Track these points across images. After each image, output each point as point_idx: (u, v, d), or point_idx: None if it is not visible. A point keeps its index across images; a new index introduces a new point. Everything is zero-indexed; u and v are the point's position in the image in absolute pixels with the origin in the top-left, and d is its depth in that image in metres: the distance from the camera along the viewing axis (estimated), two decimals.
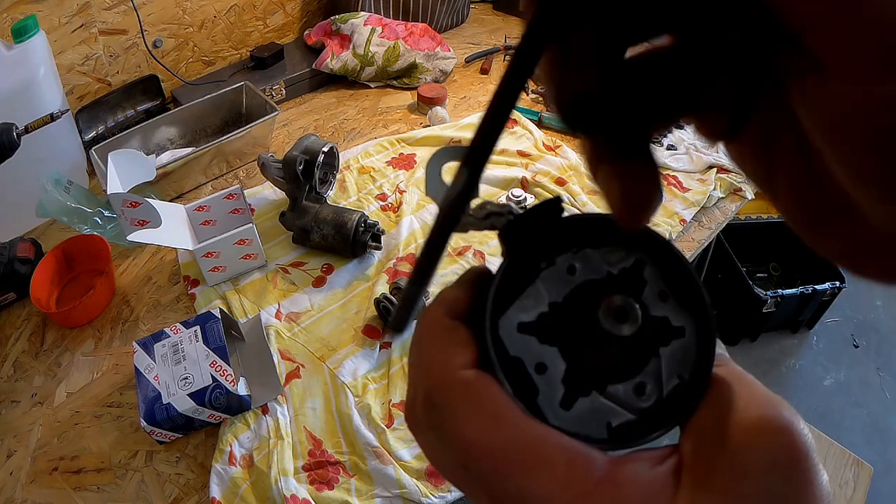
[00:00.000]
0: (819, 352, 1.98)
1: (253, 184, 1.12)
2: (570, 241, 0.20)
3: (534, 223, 0.20)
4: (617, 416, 0.18)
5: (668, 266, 0.20)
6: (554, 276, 0.20)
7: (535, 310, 0.19)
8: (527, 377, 0.19)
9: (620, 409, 0.19)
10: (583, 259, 0.20)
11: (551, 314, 0.19)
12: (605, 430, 0.18)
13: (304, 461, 0.73)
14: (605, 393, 0.19)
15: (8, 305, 0.91)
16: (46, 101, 0.95)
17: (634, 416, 0.19)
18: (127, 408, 0.78)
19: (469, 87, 1.39)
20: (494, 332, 0.19)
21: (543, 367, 0.19)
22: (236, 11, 1.32)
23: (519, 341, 0.19)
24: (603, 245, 0.20)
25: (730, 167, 1.17)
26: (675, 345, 0.19)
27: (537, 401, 0.18)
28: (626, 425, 0.18)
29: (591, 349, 0.19)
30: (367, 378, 0.82)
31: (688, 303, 0.20)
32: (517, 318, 0.19)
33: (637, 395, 0.19)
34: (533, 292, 0.20)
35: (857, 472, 1.25)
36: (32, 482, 0.72)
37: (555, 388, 0.19)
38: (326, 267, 0.96)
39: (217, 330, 0.77)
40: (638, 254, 0.20)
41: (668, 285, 0.20)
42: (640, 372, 0.19)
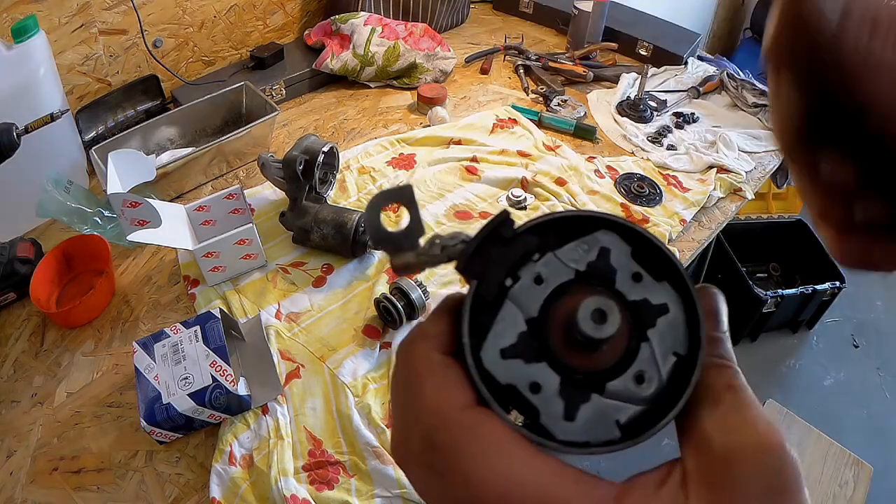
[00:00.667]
0: (819, 352, 1.98)
1: (253, 184, 1.12)
2: (529, 251, 0.20)
3: (488, 243, 0.20)
4: (624, 412, 0.18)
5: (634, 246, 0.20)
6: (523, 292, 0.19)
7: (514, 331, 0.19)
8: (524, 401, 0.18)
9: (625, 404, 0.18)
10: (547, 265, 0.20)
11: (530, 331, 0.19)
12: (617, 429, 0.18)
13: (304, 461, 0.73)
14: (606, 392, 0.18)
15: (8, 305, 0.91)
16: (46, 101, 0.95)
17: (642, 407, 0.18)
18: (127, 408, 0.78)
19: (469, 87, 1.39)
20: (479, 367, 0.19)
21: (537, 387, 0.18)
22: (236, 11, 1.32)
23: (506, 367, 0.19)
24: (562, 245, 0.20)
25: (730, 167, 1.17)
26: (661, 323, 0.19)
27: (541, 421, 0.18)
28: (636, 418, 0.18)
29: (580, 354, 0.18)
30: (367, 378, 0.82)
31: (663, 276, 0.19)
32: (497, 344, 0.19)
33: (637, 384, 0.18)
34: (506, 314, 0.19)
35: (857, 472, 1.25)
36: (32, 482, 0.72)
37: (554, 403, 0.18)
38: (326, 267, 0.96)
39: (217, 330, 0.77)
40: (600, 243, 0.20)
41: (639, 265, 0.19)
42: (635, 360, 0.19)
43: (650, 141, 1.25)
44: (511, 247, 0.20)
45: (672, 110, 1.34)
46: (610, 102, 1.34)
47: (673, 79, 1.42)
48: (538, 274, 0.19)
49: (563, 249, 0.20)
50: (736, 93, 1.37)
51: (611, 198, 1.09)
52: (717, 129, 1.28)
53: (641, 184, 1.13)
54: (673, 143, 1.25)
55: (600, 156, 1.20)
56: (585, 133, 1.25)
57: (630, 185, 1.12)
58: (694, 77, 1.42)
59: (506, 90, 1.39)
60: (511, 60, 1.48)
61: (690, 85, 1.38)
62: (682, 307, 0.19)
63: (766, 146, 1.25)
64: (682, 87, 1.39)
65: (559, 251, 0.20)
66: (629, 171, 1.17)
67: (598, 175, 1.15)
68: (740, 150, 1.22)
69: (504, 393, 0.18)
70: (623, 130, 1.27)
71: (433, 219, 1.04)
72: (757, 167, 1.20)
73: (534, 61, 1.43)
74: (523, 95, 1.37)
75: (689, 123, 1.30)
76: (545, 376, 0.18)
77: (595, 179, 1.13)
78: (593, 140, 1.25)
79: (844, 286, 1.82)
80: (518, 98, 1.36)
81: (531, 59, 1.44)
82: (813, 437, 1.57)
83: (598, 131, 1.26)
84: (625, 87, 1.37)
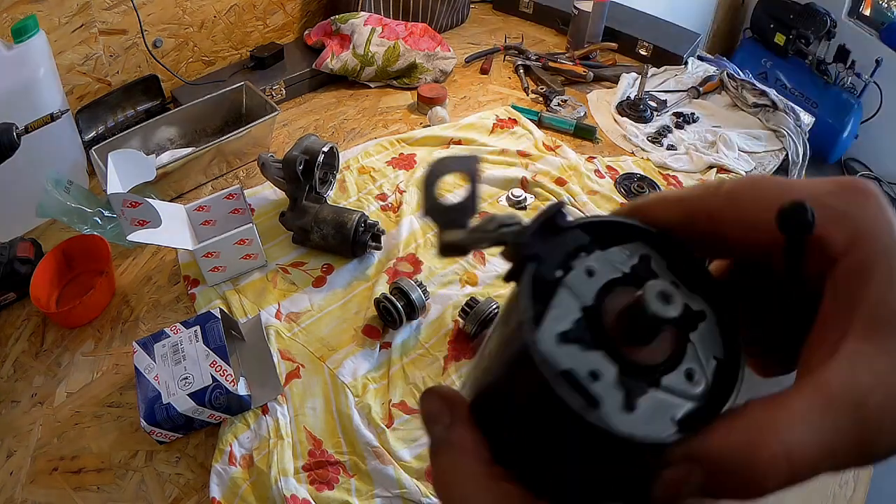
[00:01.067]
0: None
1: (253, 184, 1.12)
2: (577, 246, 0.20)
3: (545, 230, 0.20)
4: (678, 409, 0.18)
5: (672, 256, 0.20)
6: (577, 281, 0.19)
7: (569, 317, 0.19)
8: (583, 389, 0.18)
9: (680, 400, 0.18)
10: (597, 261, 0.20)
11: (585, 318, 0.19)
12: (674, 425, 0.18)
13: (304, 461, 0.73)
14: (662, 386, 0.18)
15: (8, 305, 0.91)
16: (46, 101, 0.95)
17: (694, 403, 0.18)
18: (127, 408, 0.78)
19: (469, 87, 1.39)
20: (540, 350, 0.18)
21: (597, 374, 0.18)
22: (236, 11, 1.32)
23: (564, 353, 0.18)
24: (608, 246, 0.20)
25: (730, 167, 1.17)
26: (701, 329, 0.19)
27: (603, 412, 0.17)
28: (690, 415, 0.18)
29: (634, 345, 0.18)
30: (367, 378, 0.82)
31: (697, 287, 0.20)
32: (554, 328, 0.18)
33: (689, 381, 0.18)
34: (561, 300, 0.19)
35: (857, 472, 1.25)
36: (32, 482, 0.72)
37: (613, 393, 0.18)
38: (326, 267, 0.96)
39: (217, 330, 0.77)
40: (641, 250, 0.20)
41: (675, 275, 0.20)
42: (684, 359, 0.19)
43: (650, 141, 1.25)
44: (564, 238, 0.20)
45: (672, 110, 1.34)
46: (610, 102, 1.34)
47: (673, 79, 1.42)
48: (590, 267, 0.19)
49: (609, 251, 0.20)
50: (736, 93, 1.37)
51: (611, 198, 1.09)
52: (717, 129, 1.28)
53: (641, 184, 1.13)
54: (673, 143, 1.25)
55: (600, 156, 1.20)
56: (585, 133, 1.25)
57: (630, 185, 1.12)
58: (694, 77, 1.42)
59: (506, 90, 1.39)
60: (511, 60, 1.48)
61: (690, 85, 1.38)
62: (716, 317, 0.19)
63: (766, 146, 1.25)
64: (682, 87, 1.39)
65: (605, 252, 0.20)
66: (629, 171, 1.17)
67: (598, 175, 1.15)
68: (740, 150, 1.22)
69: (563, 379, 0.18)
70: (623, 130, 1.27)
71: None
72: (757, 167, 1.20)
73: (534, 61, 1.43)
74: (523, 95, 1.37)
75: (689, 123, 1.30)
76: (603, 364, 0.18)
77: (595, 179, 1.13)
78: (593, 140, 1.25)
79: None
80: (518, 98, 1.36)
81: (531, 59, 1.44)
82: None
83: (598, 131, 1.26)
84: (625, 87, 1.37)
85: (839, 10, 2.43)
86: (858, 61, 2.38)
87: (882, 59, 2.31)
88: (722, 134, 1.24)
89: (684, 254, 0.20)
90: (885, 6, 2.43)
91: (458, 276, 0.95)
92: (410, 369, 0.83)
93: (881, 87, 2.35)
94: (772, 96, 1.32)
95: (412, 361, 0.84)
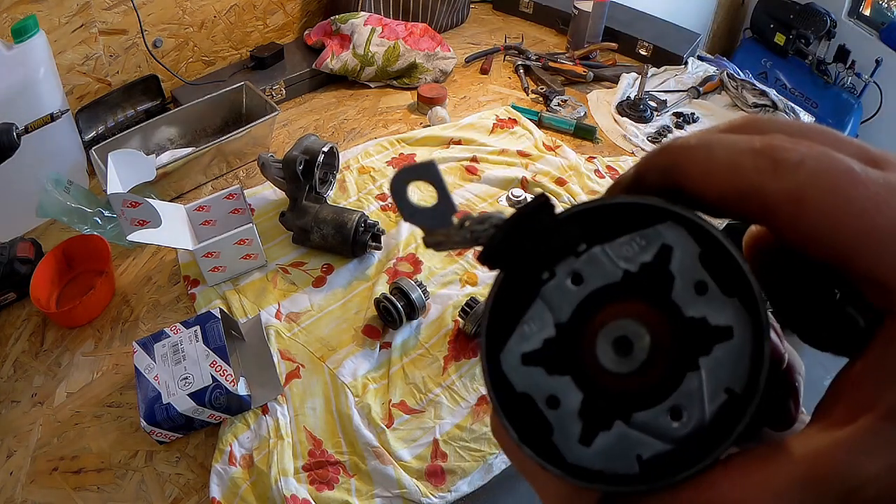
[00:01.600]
0: (819, 352, 1.97)
1: (253, 184, 1.12)
2: (571, 243, 0.17)
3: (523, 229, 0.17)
4: (647, 448, 0.15)
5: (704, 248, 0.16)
6: (557, 290, 0.17)
7: (540, 335, 0.17)
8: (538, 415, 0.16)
9: (651, 440, 0.15)
10: (590, 262, 0.17)
11: (559, 337, 0.17)
12: (636, 464, 0.15)
13: (304, 461, 0.73)
14: (631, 422, 0.16)
15: (8, 305, 0.91)
16: (46, 101, 0.95)
17: (670, 447, 0.15)
18: (127, 408, 0.78)
19: (469, 87, 1.39)
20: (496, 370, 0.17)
21: (556, 401, 0.16)
22: (236, 11, 1.32)
23: (525, 374, 0.16)
24: (614, 238, 0.16)
25: None
26: (719, 350, 0.15)
27: (552, 439, 0.16)
28: (661, 457, 0.15)
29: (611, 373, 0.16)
30: (367, 378, 0.82)
31: (734, 292, 0.16)
32: (520, 348, 0.17)
33: (672, 420, 0.15)
34: (535, 314, 0.17)
35: None
36: (32, 482, 0.72)
37: (570, 423, 0.16)
38: (326, 267, 0.96)
39: (217, 330, 0.77)
40: (662, 239, 0.16)
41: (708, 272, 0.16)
42: (674, 392, 0.15)
43: (650, 141, 1.25)
44: (550, 236, 0.17)
45: (672, 110, 1.34)
46: (610, 102, 1.34)
47: (673, 79, 1.42)
48: (577, 272, 0.17)
49: (614, 243, 0.16)
50: (736, 93, 1.37)
51: None
52: None
53: None
54: None
55: (600, 156, 1.20)
56: (585, 133, 1.25)
57: None
58: (694, 77, 1.42)
59: (506, 90, 1.39)
60: (511, 60, 1.48)
61: (690, 85, 1.38)
62: (750, 334, 0.15)
63: None
64: (682, 87, 1.39)
65: (610, 245, 0.16)
66: None
67: (598, 175, 1.15)
68: None
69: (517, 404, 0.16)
70: (623, 130, 1.27)
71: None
72: None
73: (534, 61, 1.43)
74: (523, 95, 1.37)
75: (689, 123, 1.30)
76: (566, 392, 0.16)
77: (595, 179, 1.13)
78: (593, 140, 1.25)
79: None
80: (518, 98, 1.36)
81: (531, 59, 1.44)
82: None
83: (598, 131, 1.26)
84: (625, 87, 1.37)
85: (839, 10, 2.43)
86: (858, 61, 2.38)
87: (882, 59, 2.31)
88: None
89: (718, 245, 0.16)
90: (885, 6, 2.43)
91: (458, 275, 0.95)
92: (410, 369, 0.83)
93: (881, 87, 2.35)
94: (772, 96, 1.32)
95: (412, 361, 0.84)
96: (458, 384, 0.81)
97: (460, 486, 0.72)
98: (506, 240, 0.17)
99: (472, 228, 0.17)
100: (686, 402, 0.15)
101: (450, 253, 0.98)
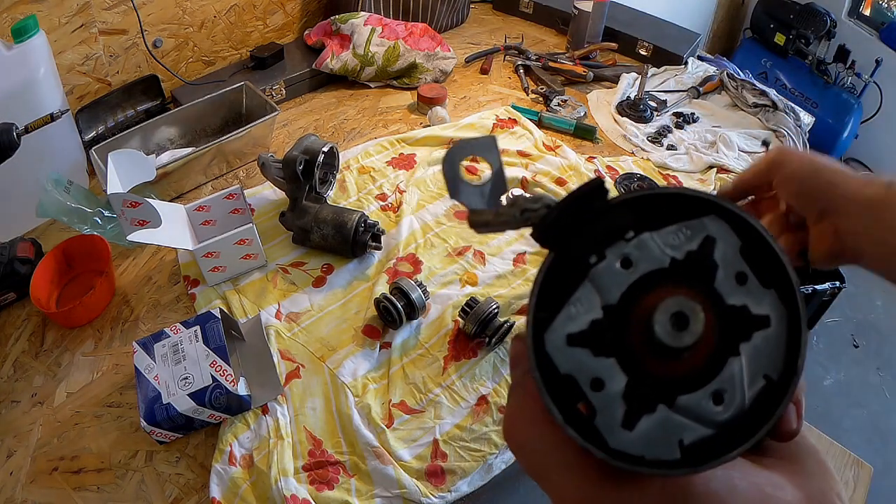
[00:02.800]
0: (819, 352, 1.97)
1: (253, 184, 1.12)
2: (621, 228, 0.17)
3: (575, 212, 0.17)
4: (690, 432, 0.16)
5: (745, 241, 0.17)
6: (606, 273, 0.17)
7: (587, 316, 0.17)
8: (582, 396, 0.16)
9: (694, 424, 0.16)
10: (639, 247, 0.17)
11: (606, 319, 0.17)
12: (678, 450, 0.16)
13: (304, 461, 0.73)
14: (675, 406, 0.16)
15: (8, 305, 0.91)
16: (46, 101, 0.95)
17: (712, 431, 0.16)
18: (127, 408, 0.78)
19: (469, 87, 1.39)
20: (540, 350, 0.17)
21: (600, 384, 0.16)
22: (236, 11, 1.32)
23: (570, 356, 0.16)
24: (662, 226, 0.17)
25: (730, 167, 1.17)
26: (758, 338, 0.16)
27: (595, 423, 0.16)
28: (702, 442, 0.16)
29: (656, 356, 0.16)
30: (367, 378, 0.82)
31: (771, 283, 0.16)
32: (565, 328, 0.17)
33: (715, 405, 0.16)
34: (582, 295, 0.17)
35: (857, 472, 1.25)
36: (32, 482, 0.72)
37: (614, 406, 0.16)
38: (326, 267, 0.96)
39: (217, 330, 0.77)
40: (706, 231, 0.17)
41: (748, 264, 0.16)
42: (717, 377, 0.16)
43: (650, 141, 1.25)
44: (600, 220, 0.17)
45: (672, 110, 1.34)
46: (610, 102, 1.34)
47: (673, 79, 1.42)
48: (627, 256, 0.17)
49: (661, 231, 0.17)
50: (736, 93, 1.37)
51: None
52: (717, 129, 1.28)
53: (641, 184, 1.13)
54: (673, 143, 1.25)
55: (600, 156, 1.20)
56: (585, 133, 1.25)
57: (630, 186, 1.12)
58: (694, 77, 1.41)
59: (506, 90, 1.39)
60: (511, 60, 1.48)
61: (690, 85, 1.38)
62: (786, 324, 0.16)
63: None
64: (682, 87, 1.39)
65: (657, 233, 0.17)
66: (629, 171, 1.17)
67: (598, 175, 1.15)
68: (740, 150, 1.22)
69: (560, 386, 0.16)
70: (623, 130, 1.27)
71: (433, 218, 1.04)
72: None
73: (534, 61, 1.43)
74: (523, 95, 1.37)
75: (689, 123, 1.30)
76: (611, 374, 0.16)
77: None
78: (593, 140, 1.25)
79: (844, 286, 1.82)
80: (518, 98, 1.36)
81: (531, 59, 1.44)
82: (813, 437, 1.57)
83: (598, 131, 1.26)
84: (625, 87, 1.37)
85: (839, 10, 2.43)
86: (858, 61, 2.38)
87: (882, 59, 2.31)
88: (722, 134, 1.24)
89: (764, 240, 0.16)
90: (885, 6, 2.43)
91: (458, 276, 0.95)
92: (410, 369, 0.83)
93: (881, 87, 2.35)
94: (772, 96, 1.32)
95: (412, 361, 0.84)
96: (458, 384, 0.81)
97: (460, 486, 0.72)
98: (559, 219, 0.17)
99: (524, 206, 0.17)
100: (728, 387, 0.16)
101: (450, 254, 0.98)
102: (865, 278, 1.76)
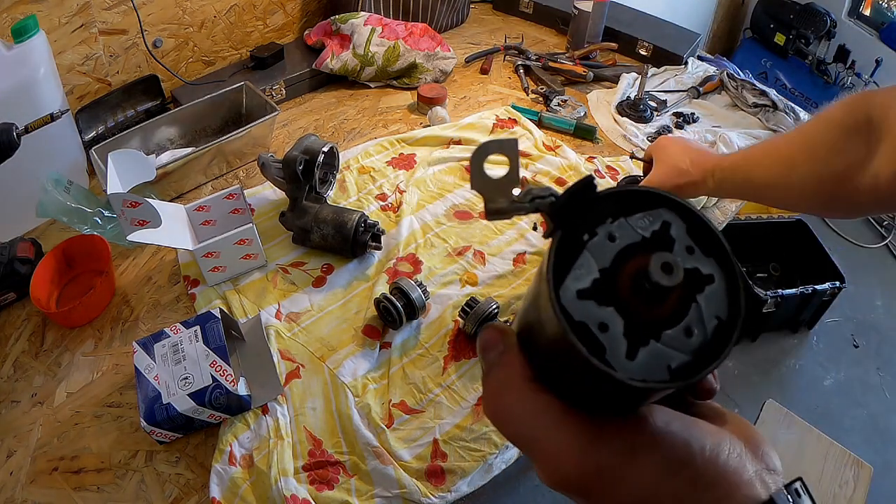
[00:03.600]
0: (819, 352, 1.97)
1: (253, 184, 1.12)
2: (606, 213, 0.23)
3: (575, 201, 0.23)
4: (675, 359, 0.21)
5: (690, 223, 0.23)
6: (599, 246, 0.23)
7: (589, 277, 0.22)
8: (593, 338, 0.21)
9: (676, 353, 0.21)
10: (620, 227, 0.23)
11: (603, 279, 0.22)
12: (667, 373, 0.21)
13: (304, 461, 0.73)
14: (661, 340, 0.21)
15: (8, 305, 0.91)
16: (46, 101, 0.95)
17: (689, 357, 0.21)
18: (127, 408, 0.78)
19: (469, 87, 1.39)
20: (559, 303, 0.22)
21: (605, 327, 0.21)
22: (236, 11, 1.32)
23: (580, 307, 0.22)
24: (634, 213, 0.23)
25: None
26: (708, 290, 0.22)
27: (605, 357, 0.21)
28: (683, 366, 0.21)
29: (642, 304, 0.22)
30: (367, 378, 0.82)
31: (711, 253, 0.23)
32: (575, 286, 0.22)
33: (687, 337, 0.22)
34: (583, 262, 0.22)
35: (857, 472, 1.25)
36: (32, 482, 0.72)
37: (618, 343, 0.21)
38: (326, 267, 0.96)
39: (217, 330, 0.77)
40: (662, 217, 0.23)
41: (693, 240, 0.23)
42: (686, 317, 0.22)
43: (650, 141, 1.25)
44: (592, 207, 0.23)
45: (672, 110, 1.34)
46: (610, 102, 1.34)
47: (673, 79, 1.42)
48: (611, 233, 0.23)
49: (633, 217, 0.23)
50: (736, 93, 1.37)
51: None
52: (717, 129, 1.28)
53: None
54: None
55: (600, 156, 1.20)
56: (585, 133, 1.25)
57: None
58: (694, 77, 1.42)
59: (506, 90, 1.39)
60: (511, 60, 1.48)
61: (690, 85, 1.38)
62: (724, 281, 0.22)
63: None
64: (682, 87, 1.39)
65: (630, 218, 0.23)
66: (629, 171, 1.17)
67: (599, 175, 1.15)
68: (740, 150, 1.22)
69: (577, 329, 0.22)
70: (623, 130, 1.27)
71: (433, 218, 1.04)
72: None
73: (534, 61, 1.43)
74: (523, 95, 1.37)
75: (689, 123, 1.30)
76: (612, 319, 0.22)
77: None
78: (593, 140, 1.25)
79: (844, 286, 1.82)
80: (518, 98, 1.36)
81: (531, 59, 1.44)
82: (813, 437, 1.57)
83: (598, 131, 1.26)
84: (625, 87, 1.37)
85: (839, 10, 2.43)
86: (858, 61, 2.38)
87: (882, 59, 2.31)
88: (722, 134, 1.24)
89: (701, 222, 0.23)
90: (885, 6, 2.43)
91: (458, 276, 0.95)
92: (410, 369, 0.83)
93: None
94: (772, 96, 1.32)
95: (412, 361, 0.84)
96: (457, 384, 0.81)
97: (460, 486, 0.72)
98: (568, 203, 0.23)
99: (535, 195, 0.24)
100: (695, 324, 0.22)
101: (450, 254, 0.98)
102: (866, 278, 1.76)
